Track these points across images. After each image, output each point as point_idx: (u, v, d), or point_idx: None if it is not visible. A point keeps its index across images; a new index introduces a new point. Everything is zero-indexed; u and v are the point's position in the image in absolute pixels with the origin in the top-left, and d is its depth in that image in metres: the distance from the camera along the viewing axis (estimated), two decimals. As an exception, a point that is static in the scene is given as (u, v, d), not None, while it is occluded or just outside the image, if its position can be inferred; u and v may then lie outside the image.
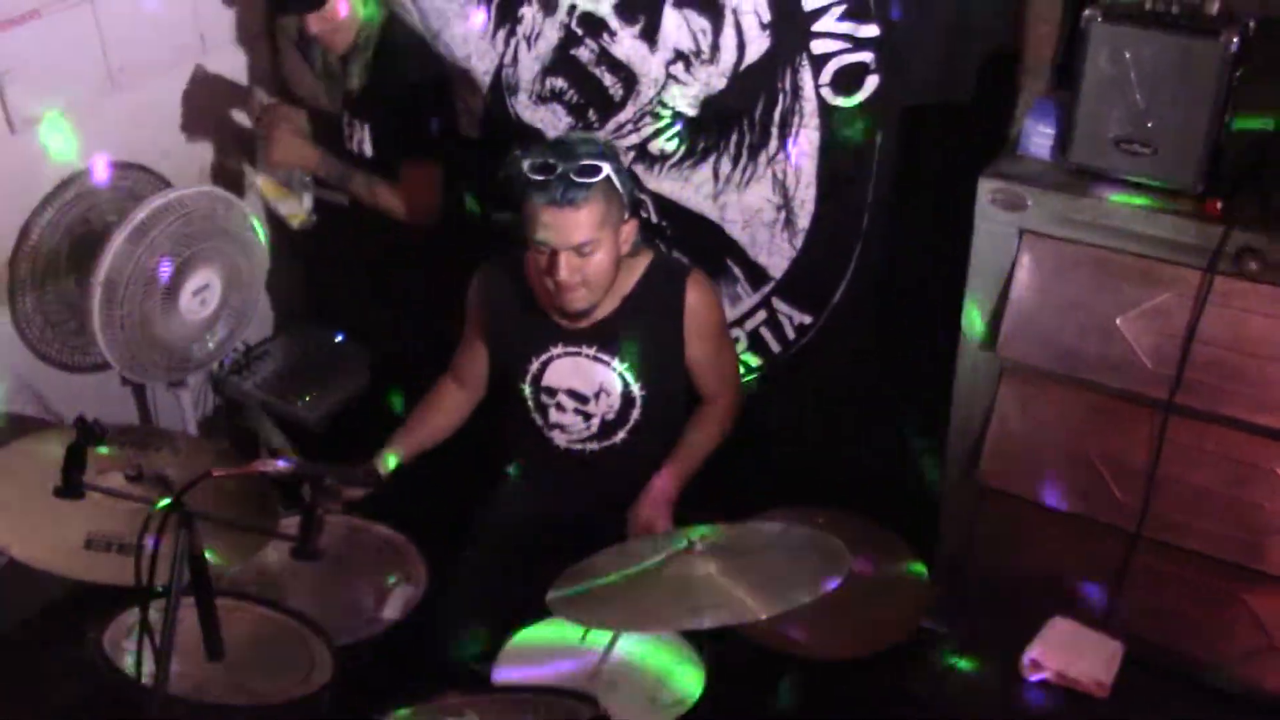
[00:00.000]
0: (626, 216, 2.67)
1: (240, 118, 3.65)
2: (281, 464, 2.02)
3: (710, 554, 2.21)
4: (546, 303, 2.75)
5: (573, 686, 2.36)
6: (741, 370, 3.18)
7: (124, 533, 2.49)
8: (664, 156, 3.18)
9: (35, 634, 3.20)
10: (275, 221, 3.49)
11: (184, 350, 3.32)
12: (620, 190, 2.62)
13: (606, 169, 2.58)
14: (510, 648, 2.56)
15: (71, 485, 2.13)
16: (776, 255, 3.14)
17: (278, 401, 3.69)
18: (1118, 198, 2.42)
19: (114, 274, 3.02)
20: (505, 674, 2.50)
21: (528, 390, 2.85)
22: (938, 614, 2.53)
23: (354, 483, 2.74)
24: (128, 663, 2.28)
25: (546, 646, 2.54)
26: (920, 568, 2.55)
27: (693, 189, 3.18)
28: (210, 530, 2.22)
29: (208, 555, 2.11)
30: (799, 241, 3.09)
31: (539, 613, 2.53)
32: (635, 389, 2.81)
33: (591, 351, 2.80)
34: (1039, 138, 2.53)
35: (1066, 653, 2.40)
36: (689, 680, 2.43)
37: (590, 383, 2.82)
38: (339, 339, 3.88)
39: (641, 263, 2.81)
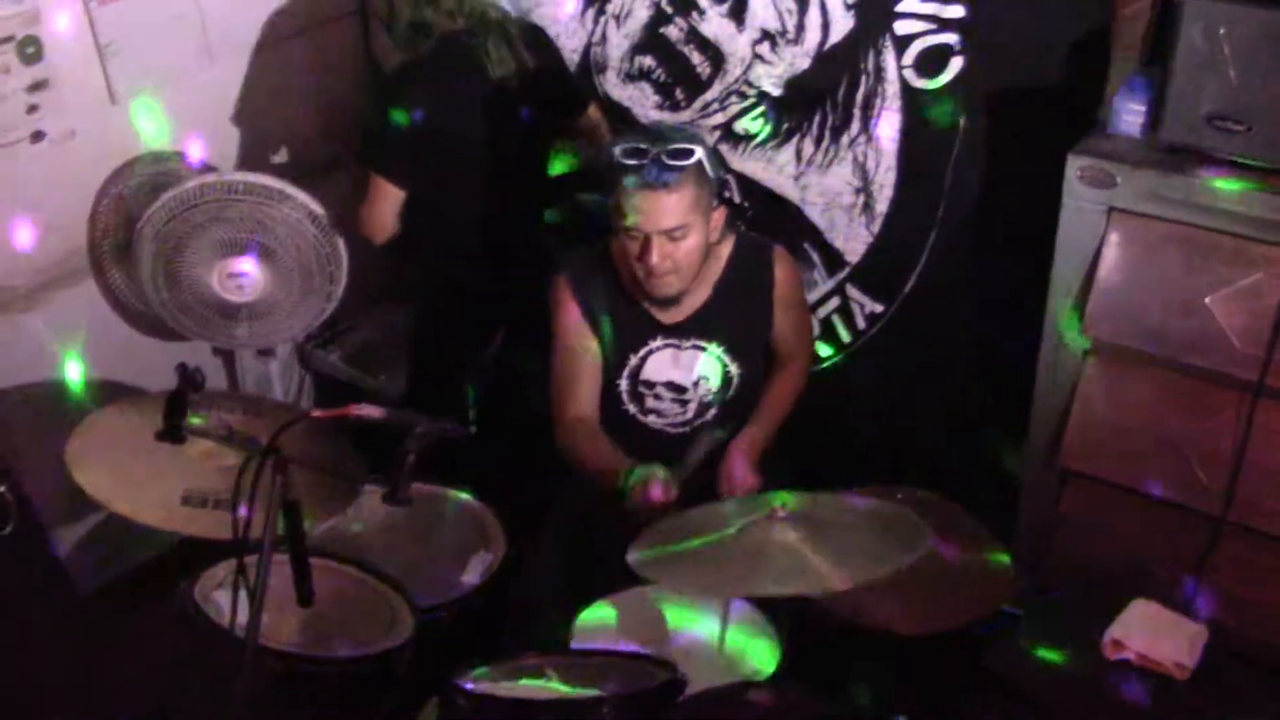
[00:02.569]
0: (716, 203, 2.70)
1: (333, 99, 3.73)
2: (375, 410, 2.07)
3: (792, 522, 2.22)
4: (639, 294, 2.77)
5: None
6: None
7: (218, 490, 2.58)
8: (748, 137, 3.20)
9: (133, 589, 3.29)
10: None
11: (219, 326, 3.35)
12: (711, 176, 2.64)
13: (699, 153, 2.60)
14: (587, 618, 2.59)
15: (173, 429, 2.19)
16: (853, 240, 3.14)
17: (360, 375, 3.76)
18: (1210, 176, 2.40)
19: (154, 226, 3.13)
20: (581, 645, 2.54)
21: (624, 384, 2.86)
22: (1017, 597, 2.52)
23: (444, 435, 2.75)
24: (218, 613, 2.35)
25: (623, 620, 2.58)
26: (1000, 551, 2.54)
27: (775, 170, 3.19)
28: (299, 489, 2.28)
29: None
30: (876, 227, 3.09)
31: (617, 587, 2.61)
32: (733, 369, 2.84)
33: (691, 342, 2.82)
34: (1129, 115, 2.51)
35: (1148, 634, 2.38)
36: (765, 654, 2.44)
37: (689, 372, 2.84)
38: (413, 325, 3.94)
39: (727, 246, 2.83)
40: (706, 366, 2.84)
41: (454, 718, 2.14)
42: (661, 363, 2.84)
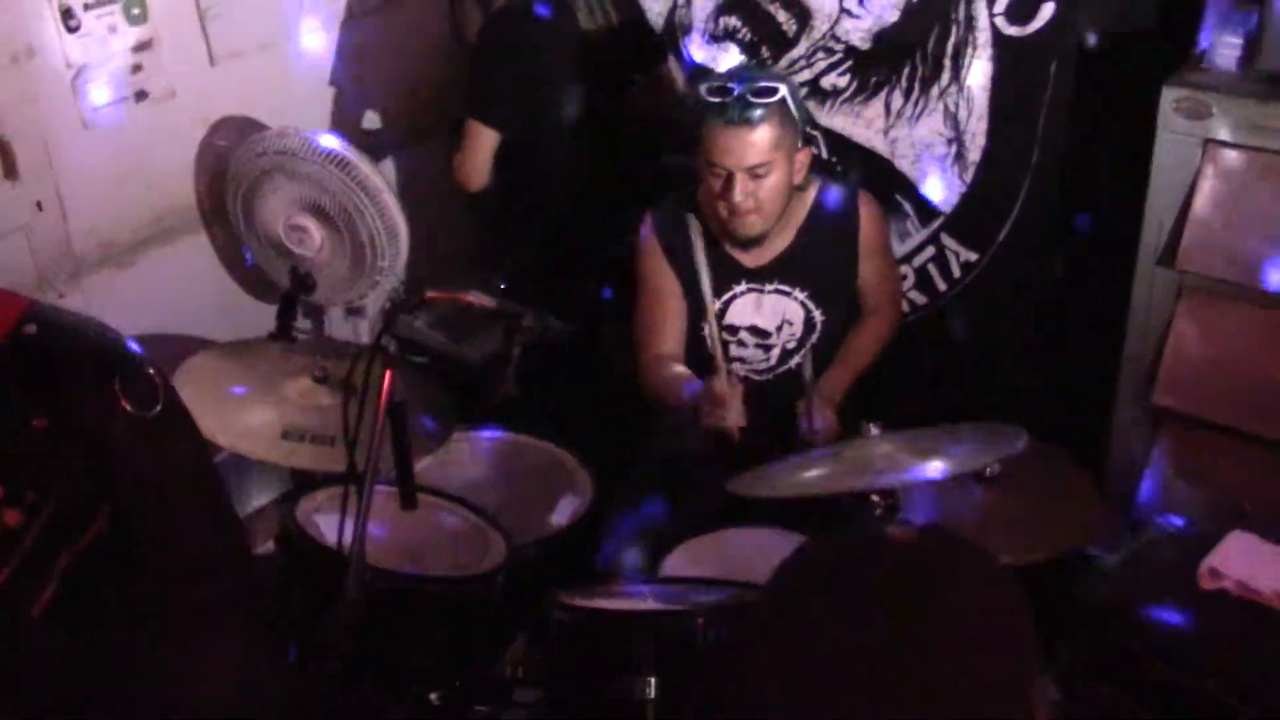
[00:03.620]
0: (800, 145, 2.72)
1: (420, 70, 3.80)
2: (487, 298, 2.11)
3: (887, 437, 2.22)
4: (723, 237, 2.80)
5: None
6: (906, 308, 3.21)
7: (314, 427, 2.67)
8: (836, 92, 3.21)
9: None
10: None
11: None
12: (795, 115, 2.67)
13: (783, 90, 2.63)
14: (673, 561, 2.61)
15: (284, 327, 2.25)
16: (946, 190, 3.14)
17: (445, 341, 3.82)
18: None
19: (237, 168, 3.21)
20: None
21: (707, 330, 2.90)
22: (1107, 536, 2.50)
23: (551, 332, 2.78)
24: (322, 532, 2.42)
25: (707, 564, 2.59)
26: (1094, 491, 2.53)
27: (864, 124, 3.20)
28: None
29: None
30: (969, 176, 3.09)
31: (702, 532, 2.62)
32: (816, 315, 2.85)
33: (774, 286, 2.84)
34: (1226, 49, 2.51)
35: (1247, 563, 2.35)
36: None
37: (773, 318, 2.86)
38: (502, 286, 3.99)
39: (811, 192, 2.85)
40: (790, 312, 2.86)
41: (553, 631, 2.16)
42: (745, 308, 2.86)
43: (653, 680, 2.01)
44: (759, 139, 2.61)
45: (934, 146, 3.12)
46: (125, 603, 1.72)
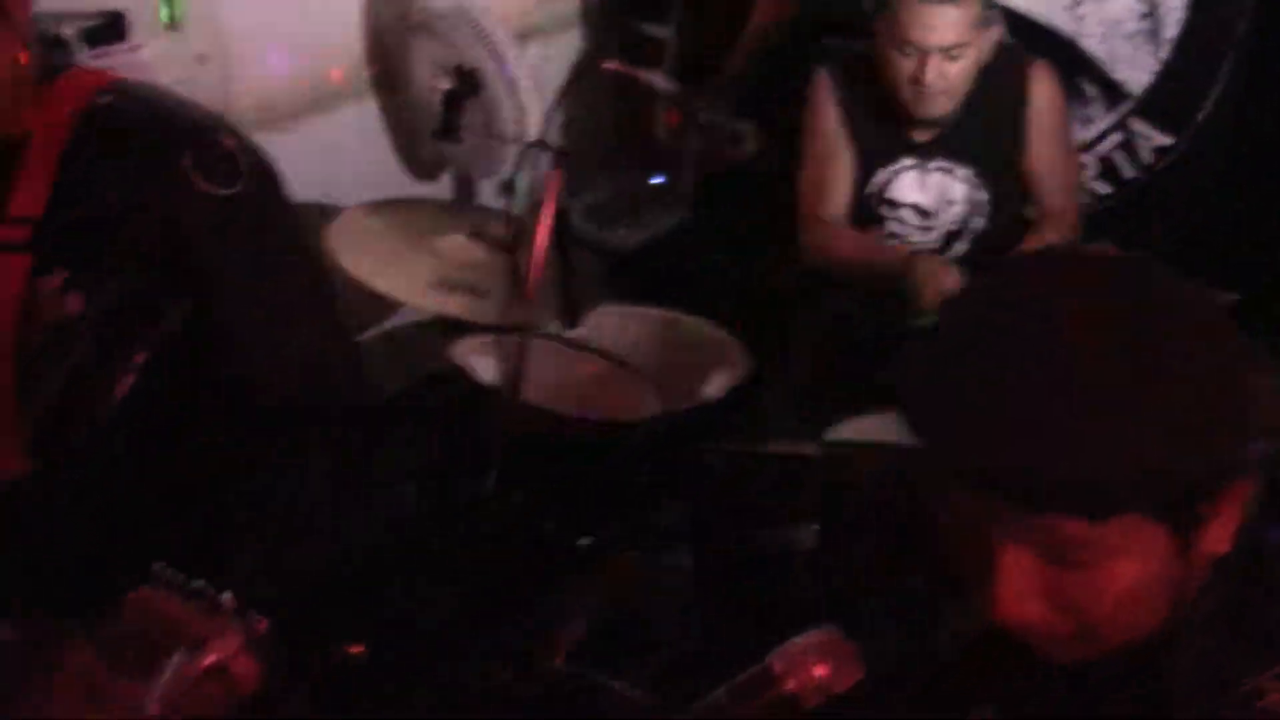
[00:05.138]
0: (990, 22, 2.60)
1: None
2: (665, 81, 2.01)
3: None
4: (896, 107, 2.68)
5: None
6: (1087, 199, 3.03)
7: (467, 279, 2.66)
8: (1022, -35, 3.05)
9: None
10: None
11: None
12: None
13: None
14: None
15: (449, 127, 2.19)
16: (1137, 70, 2.97)
17: (596, 230, 3.76)
18: None
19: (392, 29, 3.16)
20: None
21: (869, 203, 2.78)
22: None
23: (722, 134, 2.68)
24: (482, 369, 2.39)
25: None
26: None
27: (1047, 2, 3.03)
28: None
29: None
30: (1164, 53, 2.92)
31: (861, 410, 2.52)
32: (982, 195, 2.71)
33: (937, 163, 2.71)
34: None
35: None
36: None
37: (937, 196, 2.73)
38: (658, 180, 3.91)
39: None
40: (954, 190, 2.72)
41: (709, 482, 2.10)
42: (908, 183, 2.74)
43: (814, 529, 1.94)
44: (959, 18, 2.50)
45: (1124, 23, 2.95)
46: (207, 399, 1.60)
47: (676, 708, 1.12)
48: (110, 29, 2.45)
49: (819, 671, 1.04)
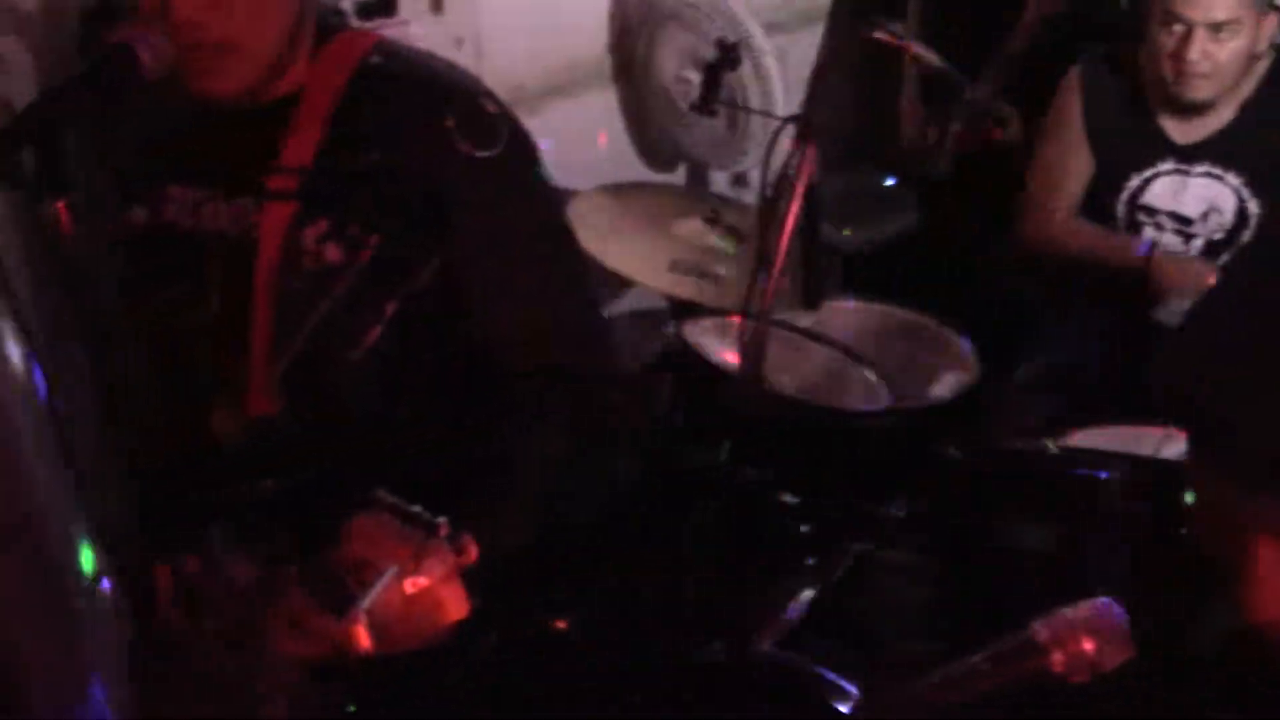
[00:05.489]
0: (1267, 9, 2.45)
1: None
2: (933, 56, 1.97)
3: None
4: (1157, 103, 2.56)
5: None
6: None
7: (702, 263, 2.69)
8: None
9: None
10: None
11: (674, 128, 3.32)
12: None
13: None
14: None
15: (707, 101, 2.22)
16: None
17: (828, 225, 3.71)
18: None
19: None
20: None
21: (1121, 209, 2.66)
22: None
23: (984, 114, 2.62)
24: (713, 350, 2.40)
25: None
26: None
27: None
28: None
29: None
30: None
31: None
32: (1251, 206, 2.57)
33: (1204, 169, 2.58)
34: None
35: None
36: None
37: (1198, 204, 2.60)
38: (890, 183, 3.85)
39: (1263, 64, 2.56)
40: (1220, 199, 2.58)
41: (947, 476, 2.05)
42: (1167, 189, 2.61)
43: (1051, 532, 1.86)
44: None
45: None
46: (448, 359, 1.62)
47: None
48: (382, 5, 2.57)
49: (1087, 646, 0.98)
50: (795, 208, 1.85)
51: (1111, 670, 0.98)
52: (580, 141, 3.44)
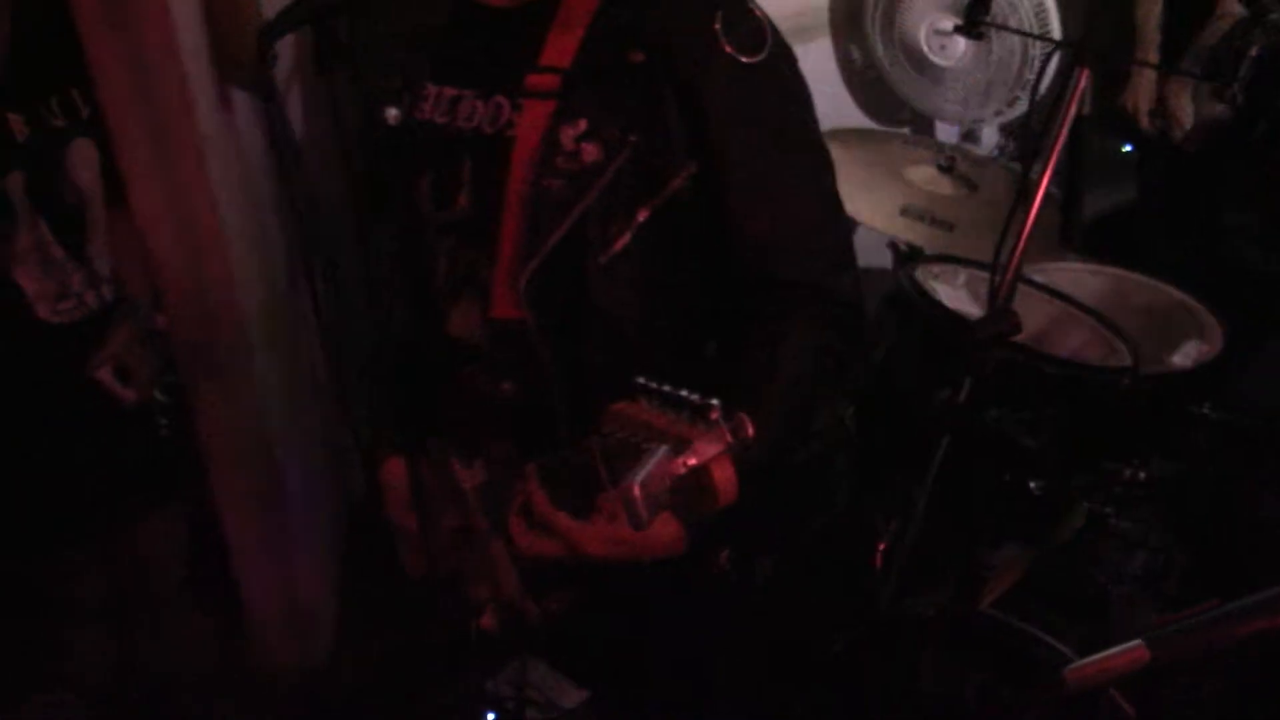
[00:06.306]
0: None
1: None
2: None
3: None
4: None
5: None
6: None
7: (932, 209, 2.62)
8: None
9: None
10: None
11: (915, 84, 3.23)
12: None
13: None
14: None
15: (972, 23, 2.12)
16: None
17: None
18: None
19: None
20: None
21: None
22: None
23: None
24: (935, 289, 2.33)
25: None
26: None
27: None
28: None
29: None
30: None
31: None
32: None
33: None
34: None
35: None
36: None
37: None
38: (1127, 149, 3.67)
39: None
40: None
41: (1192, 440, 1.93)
42: None
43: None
44: None
45: None
46: (696, 272, 1.58)
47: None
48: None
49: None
50: (1062, 136, 1.74)
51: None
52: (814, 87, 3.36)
